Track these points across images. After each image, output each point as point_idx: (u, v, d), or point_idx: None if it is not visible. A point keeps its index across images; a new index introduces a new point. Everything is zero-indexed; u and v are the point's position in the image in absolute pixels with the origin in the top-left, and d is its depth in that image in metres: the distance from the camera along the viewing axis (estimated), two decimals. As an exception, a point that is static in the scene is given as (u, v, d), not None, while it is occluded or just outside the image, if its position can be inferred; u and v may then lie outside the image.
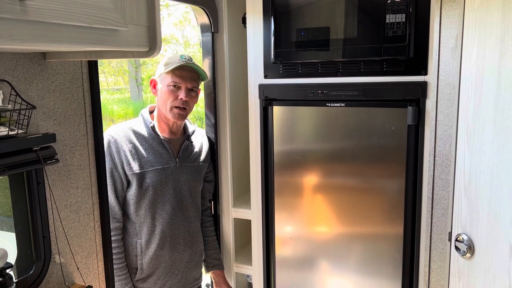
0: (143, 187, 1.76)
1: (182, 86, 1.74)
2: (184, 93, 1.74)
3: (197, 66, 1.78)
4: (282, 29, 1.80)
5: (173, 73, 1.74)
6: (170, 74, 1.74)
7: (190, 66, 1.76)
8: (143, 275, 1.82)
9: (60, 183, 1.30)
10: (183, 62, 1.74)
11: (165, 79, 1.76)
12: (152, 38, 1.03)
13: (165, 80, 1.76)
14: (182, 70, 1.74)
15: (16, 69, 1.15)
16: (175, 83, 1.74)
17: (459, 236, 1.42)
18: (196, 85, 1.79)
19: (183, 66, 1.74)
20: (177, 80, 1.74)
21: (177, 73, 1.74)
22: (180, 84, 1.74)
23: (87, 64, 1.36)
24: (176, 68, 1.73)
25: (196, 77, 1.79)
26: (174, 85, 1.74)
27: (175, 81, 1.74)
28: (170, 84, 1.74)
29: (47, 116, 1.24)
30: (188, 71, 1.76)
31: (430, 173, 1.59)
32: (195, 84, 1.78)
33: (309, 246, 1.93)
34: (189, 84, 1.75)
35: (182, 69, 1.74)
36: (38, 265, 1.25)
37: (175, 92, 1.74)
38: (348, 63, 1.71)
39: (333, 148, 1.82)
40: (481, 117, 1.33)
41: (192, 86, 1.77)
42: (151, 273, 1.82)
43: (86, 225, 1.40)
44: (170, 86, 1.74)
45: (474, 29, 1.34)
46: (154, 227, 1.80)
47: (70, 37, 0.83)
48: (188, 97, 1.75)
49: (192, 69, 1.77)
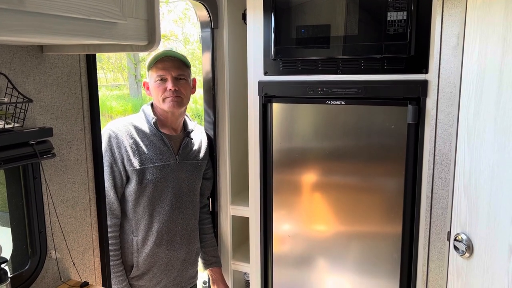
0: (143, 183, 1.75)
1: (167, 77, 1.78)
2: (171, 83, 1.77)
3: (176, 53, 1.83)
4: (283, 26, 1.79)
5: (156, 68, 1.79)
6: (154, 69, 1.79)
7: (171, 55, 1.80)
8: (139, 273, 1.81)
9: (56, 178, 1.29)
10: (162, 55, 1.79)
11: (152, 76, 1.81)
12: (151, 32, 1.02)
13: (152, 77, 1.81)
14: (164, 62, 1.78)
15: (13, 62, 1.14)
16: (160, 76, 1.78)
17: (458, 236, 1.42)
18: (181, 72, 1.80)
19: (163, 57, 1.79)
20: (161, 72, 1.78)
21: (159, 66, 1.78)
22: (165, 75, 1.77)
23: (85, 58, 1.35)
24: (158, 62, 1.78)
25: (181, 65, 1.81)
26: (161, 79, 1.78)
27: (159, 74, 1.78)
28: (156, 79, 1.79)
29: (44, 110, 1.23)
30: (170, 61, 1.79)
31: (430, 172, 1.58)
32: (180, 71, 1.80)
33: (307, 245, 1.92)
34: (174, 73, 1.78)
35: (164, 61, 1.79)
36: (34, 260, 1.24)
37: (163, 85, 1.78)
38: (349, 60, 1.71)
39: (332, 146, 1.81)
40: (482, 116, 1.32)
41: (177, 74, 1.79)
42: (147, 271, 1.81)
43: (83, 221, 1.39)
44: (157, 81, 1.79)
45: (476, 27, 1.33)
46: (151, 224, 1.79)
47: (68, 29, 0.82)
48: (176, 85, 1.78)
49: (174, 58, 1.81)
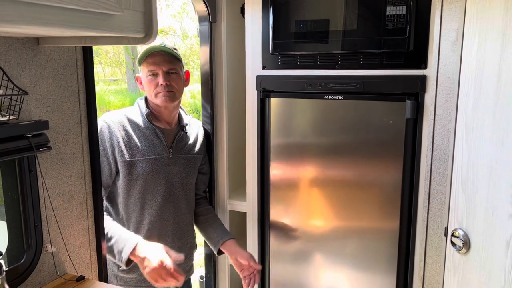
0: (133, 176, 1.74)
1: (158, 71, 1.76)
2: (162, 78, 1.75)
3: (166, 48, 1.80)
4: (281, 20, 1.78)
5: (146, 63, 1.77)
6: (145, 64, 1.78)
7: (161, 50, 1.78)
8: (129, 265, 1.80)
9: (52, 172, 1.28)
10: (152, 49, 1.78)
11: (143, 71, 1.79)
12: (148, 24, 1.01)
13: (143, 72, 1.79)
14: (154, 57, 1.76)
15: (8, 53, 1.13)
16: (151, 71, 1.76)
17: (455, 231, 1.42)
18: (172, 66, 1.79)
19: (153, 52, 1.77)
20: (151, 67, 1.76)
21: (149, 61, 1.76)
22: (156, 70, 1.76)
23: (81, 51, 1.33)
24: (148, 56, 1.76)
25: (172, 59, 1.79)
26: (152, 74, 1.77)
27: (150, 69, 1.76)
28: (147, 74, 1.77)
29: (40, 103, 1.22)
30: (160, 55, 1.77)
31: (428, 168, 1.58)
32: (171, 65, 1.78)
33: (305, 240, 1.92)
34: (164, 67, 1.76)
35: (154, 56, 1.76)
36: (30, 254, 1.23)
37: (155, 80, 1.77)
38: (347, 55, 1.70)
39: (330, 141, 1.80)
40: (481, 111, 1.31)
41: (168, 69, 1.77)
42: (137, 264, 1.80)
43: (79, 215, 1.38)
44: (148, 76, 1.77)
45: (475, 22, 1.32)
46: (142, 217, 1.78)
47: (62, 20, 0.80)
48: (168, 80, 1.76)
49: (164, 52, 1.79)
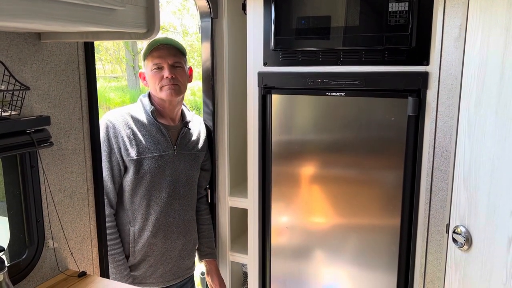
0: (140, 173, 1.75)
1: (163, 65, 1.76)
2: (168, 71, 1.75)
3: (171, 40, 1.81)
4: (283, 16, 1.77)
5: (151, 56, 1.77)
6: (150, 58, 1.78)
7: (166, 43, 1.78)
8: (135, 262, 1.81)
9: (54, 167, 1.28)
10: (157, 43, 1.78)
11: (148, 65, 1.79)
12: (150, 19, 1.00)
13: (148, 66, 1.79)
14: (159, 50, 1.77)
15: (10, 49, 1.12)
16: (156, 65, 1.76)
17: (457, 228, 1.41)
18: (178, 59, 1.79)
19: (158, 46, 1.77)
20: (156, 61, 1.76)
21: (155, 54, 1.76)
22: (161, 63, 1.76)
23: (83, 46, 1.33)
24: (153, 50, 1.76)
25: (176, 52, 1.80)
26: (157, 67, 1.77)
27: (155, 62, 1.76)
28: (153, 67, 1.77)
29: (41, 98, 1.22)
30: (165, 49, 1.77)
31: (429, 165, 1.58)
32: (176, 59, 1.78)
33: (306, 237, 1.92)
34: (170, 60, 1.76)
35: (159, 49, 1.77)
36: (31, 250, 1.23)
37: (160, 73, 1.77)
38: (349, 51, 1.69)
39: (331, 138, 1.80)
40: (483, 108, 1.31)
41: (173, 62, 1.77)
42: (143, 260, 1.81)
43: (81, 210, 1.38)
44: (153, 70, 1.77)
45: (478, 18, 1.32)
46: (148, 214, 1.79)
47: (64, 14, 0.80)
48: (173, 73, 1.76)
49: (170, 46, 1.79)
